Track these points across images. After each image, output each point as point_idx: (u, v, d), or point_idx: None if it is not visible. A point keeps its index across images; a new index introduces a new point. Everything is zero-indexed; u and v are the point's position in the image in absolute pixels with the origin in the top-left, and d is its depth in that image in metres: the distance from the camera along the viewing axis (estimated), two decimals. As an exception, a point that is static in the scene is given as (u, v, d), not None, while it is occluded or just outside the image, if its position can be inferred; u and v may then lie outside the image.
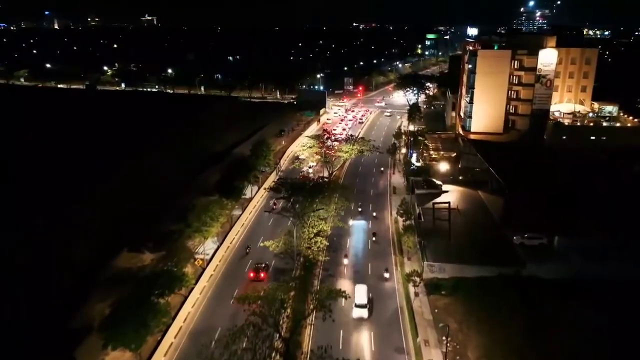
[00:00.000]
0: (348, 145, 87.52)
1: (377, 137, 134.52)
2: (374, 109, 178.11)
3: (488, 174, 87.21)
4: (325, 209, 62.44)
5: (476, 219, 75.12)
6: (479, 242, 65.23)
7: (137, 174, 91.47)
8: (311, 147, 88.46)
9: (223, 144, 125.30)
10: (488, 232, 69.83)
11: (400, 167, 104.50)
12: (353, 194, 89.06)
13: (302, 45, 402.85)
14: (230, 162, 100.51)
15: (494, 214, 76.84)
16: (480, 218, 75.60)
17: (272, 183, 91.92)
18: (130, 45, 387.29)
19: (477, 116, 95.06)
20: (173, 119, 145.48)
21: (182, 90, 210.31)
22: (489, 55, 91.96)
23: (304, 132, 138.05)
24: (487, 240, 66.17)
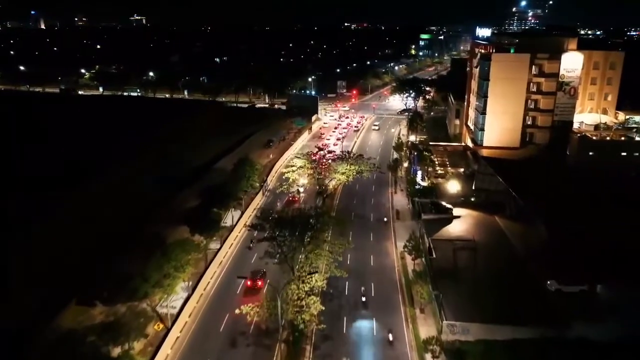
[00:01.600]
0: (344, 165, 75.28)
1: (374, 147, 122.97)
2: (369, 114, 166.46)
3: (505, 196, 76.04)
4: (319, 254, 50.28)
5: (497, 255, 63.48)
6: (506, 289, 53.59)
7: (99, 197, 78.97)
8: (302, 166, 76.16)
9: (204, 156, 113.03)
10: (514, 273, 58.15)
11: (403, 185, 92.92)
12: (350, 219, 77.37)
13: (293, 46, 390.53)
14: (209, 181, 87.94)
15: (517, 246, 65.53)
16: (501, 253, 63.97)
17: (254, 211, 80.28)
18: (115, 46, 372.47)
19: (490, 128, 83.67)
20: (151, 127, 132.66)
21: (164, 95, 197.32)
22: (504, 59, 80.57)
23: (294, 141, 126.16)
24: (515, 287, 54.47)
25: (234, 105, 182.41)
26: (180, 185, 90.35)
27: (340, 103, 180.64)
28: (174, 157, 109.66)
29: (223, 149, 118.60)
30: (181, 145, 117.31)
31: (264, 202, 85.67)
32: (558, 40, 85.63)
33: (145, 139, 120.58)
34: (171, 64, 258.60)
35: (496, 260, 61.79)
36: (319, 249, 50.51)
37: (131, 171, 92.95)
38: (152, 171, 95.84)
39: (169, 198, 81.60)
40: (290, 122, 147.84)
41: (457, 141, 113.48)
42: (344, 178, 73.47)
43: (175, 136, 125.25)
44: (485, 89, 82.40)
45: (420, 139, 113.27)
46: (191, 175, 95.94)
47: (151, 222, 70.94)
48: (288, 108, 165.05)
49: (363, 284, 58.01)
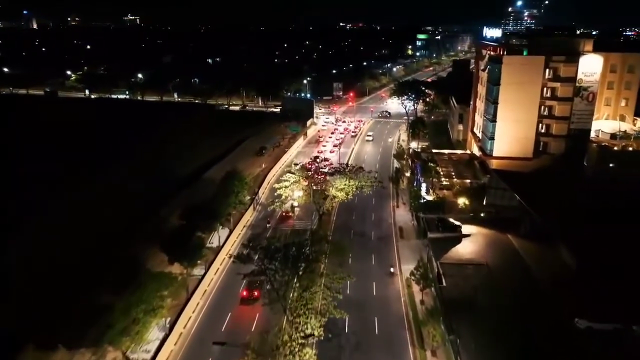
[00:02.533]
0: (342, 180, 68.09)
1: (373, 154, 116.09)
2: (367, 118, 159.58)
3: (519, 211, 69.45)
4: (315, 293, 43.25)
5: (514, 282, 56.60)
6: (528, 327, 46.86)
7: (72, 214, 71.78)
8: (296, 181, 68.92)
9: (194, 164, 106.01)
10: (536, 306, 51.42)
11: (405, 197, 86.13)
12: (349, 237, 70.55)
13: (288, 46, 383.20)
14: (196, 194, 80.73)
15: (535, 271, 58.85)
16: (518, 280, 57.11)
17: (244, 229, 73.22)
18: (105, 47, 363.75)
19: (501, 137, 76.95)
20: (136, 133, 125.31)
21: (154, 98, 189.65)
22: (516, 62, 73.82)
23: (288, 148, 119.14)
24: (538, 323, 47.79)
25: (226, 108, 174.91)
26: (165, 197, 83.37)
27: (337, 106, 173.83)
28: (161, 165, 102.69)
29: (213, 156, 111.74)
30: (169, 153, 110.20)
31: (255, 218, 78.62)
32: (574, 42, 79.04)
33: (130, 145, 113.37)
34: (162, 65, 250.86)
35: (513, 289, 54.96)
36: (314, 284, 43.49)
37: (111, 184, 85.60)
38: (136, 182, 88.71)
39: (151, 213, 74.43)
40: (284, 127, 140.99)
41: (461, 147, 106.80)
42: (342, 195, 66.33)
43: (163, 143, 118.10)
44: (495, 95, 75.68)
45: (423, 146, 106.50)
46: (178, 187, 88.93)
47: (129, 241, 63.93)
48: (282, 112, 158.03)
49: (365, 319, 51.07)
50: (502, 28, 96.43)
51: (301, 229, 72.72)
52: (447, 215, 74.25)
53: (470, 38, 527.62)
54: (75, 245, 61.04)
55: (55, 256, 58.76)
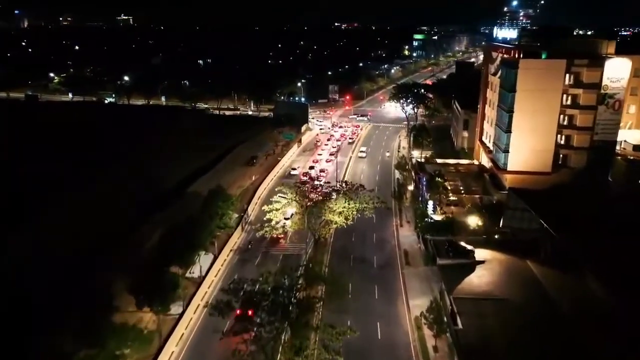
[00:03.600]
0: (341, 202, 59.79)
1: (372, 165, 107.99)
2: (364, 123, 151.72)
3: (538, 234, 61.93)
4: (308, 354, 35.30)
5: (538, 321, 48.96)
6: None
7: (36, 236, 63.47)
8: (289, 201, 60.59)
9: (180, 174, 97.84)
10: (567, 353, 43.92)
11: (409, 214, 78.36)
12: (349, 265, 62.67)
13: (282, 47, 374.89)
14: (179, 211, 72.39)
15: (561, 306, 51.34)
16: (543, 318, 49.42)
17: (230, 254, 65.02)
18: (94, 47, 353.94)
19: (516, 150, 69.26)
20: (118, 141, 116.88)
21: (141, 101, 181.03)
22: (534, 66, 66.11)
23: (281, 157, 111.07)
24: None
25: (217, 112, 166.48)
26: (147, 214, 75.19)
27: (332, 110, 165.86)
28: (146, 175, 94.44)
29: (201, 166, 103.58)
30: (154, 163, 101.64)
31: (244, 240, 70.47)
32: (596, 43, 71.52)
33: (108, 155, 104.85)
34: (151, 66, 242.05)
35: (538, 330, 47.30)
36: (308, 341, 35.51)
37: (84, 201, 77.23)
38: (112, 198, 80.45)
39: (126, 237, 66.15)
40: (277, 133, 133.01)
41: (467, 156, 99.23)
42: (340, 221, 58.15)
43: (148, 152, 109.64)
44: (510, 103, 67.92)
45: (426, 155, 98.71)
46: (160, 203, 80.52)
47: (98, 271, 55.78)
48: (275, 117, 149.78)
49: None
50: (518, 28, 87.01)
51: (295, 254, 64.86)
52: (457, 236, 66.70)
53: (467, 38, 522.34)
54: (41, 275, 52.94)
55: (17, 287, 50.82)
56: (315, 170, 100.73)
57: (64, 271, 54.01)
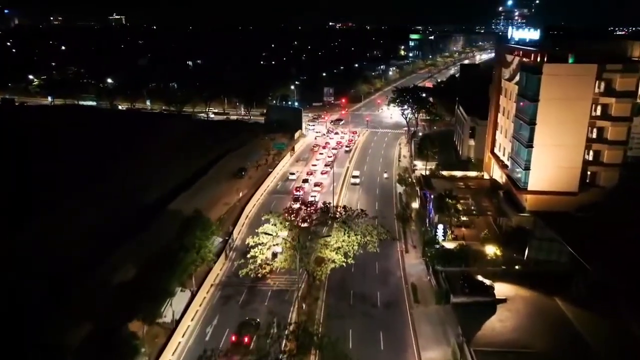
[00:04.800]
0: (339, 234, 50.43)
1: (371, 175, 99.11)
2: (362, 128, 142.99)
3: (568, 264, 53.68)
4: None
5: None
6: None
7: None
8: (276, 233, 51.15)
9: (163, 187, 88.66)
10: None
11: (414, 237, 69.64)
12: (348, 303, 53.86)
13: (275, 47, 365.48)
14: (152, 241, 63.18)
15: (601, 356, 43.14)
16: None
17: (211, 289, 55.86)
18: (82, 47, 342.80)
19: (538, 166, 60.61)
20: (95, 151, 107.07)
21: (125, 105, 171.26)
22: (561, 72, 57.46)
23: (272, 168, 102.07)
24: None
25: (203, 118, 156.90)
26: (116, 240, 65.83)
27: (328, 115, 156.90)
28: (126, 187, 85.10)
29: (185, 178, 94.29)
30: (132, 175, 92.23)
31: (228, 271, 61.47)
32: (623, 45, 63.17)
33: (79, 168, 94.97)
34: (138, 67, 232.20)
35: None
36: None
37: (45, 229, 67.62)
38: (79, 221, 70.99)
39: (87, 275, 56.72)
40: (269, 140, 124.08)
41: (474, 168, 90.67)
42: (340, 259, 48.97)
43: (126, 161, 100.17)
44: (532, 113, 59.27)
45: (430, 168, 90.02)
46: (135, 225, 71.19)
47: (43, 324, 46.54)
48: (267, 122, 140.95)
49: None
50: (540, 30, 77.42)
51: (285, 289, 55.94)
52: (471, 267, 58.18)
53: (464, 38, 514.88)
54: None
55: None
56: (310, 184, 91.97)
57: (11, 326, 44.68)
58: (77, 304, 48.44)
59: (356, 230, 50.54)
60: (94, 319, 44.58)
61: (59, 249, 60.20)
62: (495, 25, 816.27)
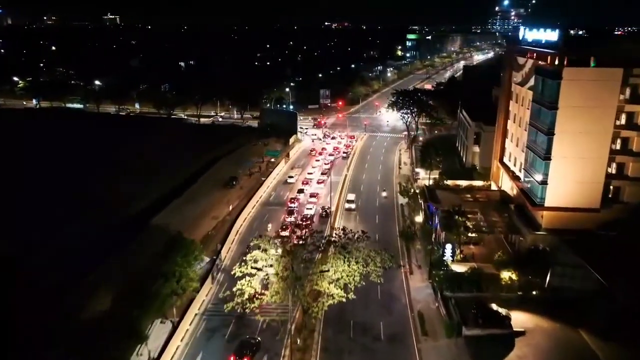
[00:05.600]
0: (338, 262, 44.16)
1: (370, 184, 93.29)
2: (359, 132, 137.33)
3: (592, 291, 48.11)
4: None
5: None
6: None
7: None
8: (266, 261, 44.82)
9: (148, 196, 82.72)
10: None
11: (419, 255, 63.94)
12: (348, 336, 48.04)
13: (271, 47, 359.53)
14: (130, 263, 57.23)
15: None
16: None
17: (194, 320, 49.70)
18: (73, 47, 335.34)
19: (557, 181, 55.04)
20: (76, 158, 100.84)
21: (113, 108, 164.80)
22: (583, 77, 51.91)
23: (266, 176, 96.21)
24: None
25: (195, 122, 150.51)
26: (93, 259, 59.73)
27: (324, 118, 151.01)
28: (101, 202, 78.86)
29: (173, 187, 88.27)
30: (117, 182, 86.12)
31: (214, 297, 55.53)
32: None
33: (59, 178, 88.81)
34: (129, 69, 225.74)
35: None
36: None
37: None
38: (54, 240, 64.95)
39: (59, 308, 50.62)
40: (263, 145, 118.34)
41: (479, 177, 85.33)
42: (339, 294, 42.83)
43: (111, 169, 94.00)
44: (550, 122, 53.67)
45: (434, 177, 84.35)
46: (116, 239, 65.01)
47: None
48: (261, 126, 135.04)
49: None
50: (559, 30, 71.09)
51: (278, 319, 50.02)
52: (484, 293, 52.63)
53: (461, 38, 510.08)
54: None
55: None
56: (305, 194, 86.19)
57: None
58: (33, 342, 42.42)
59: (357, 256, 44.54)
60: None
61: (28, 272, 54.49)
62: (491, 25, 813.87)
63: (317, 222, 75.71)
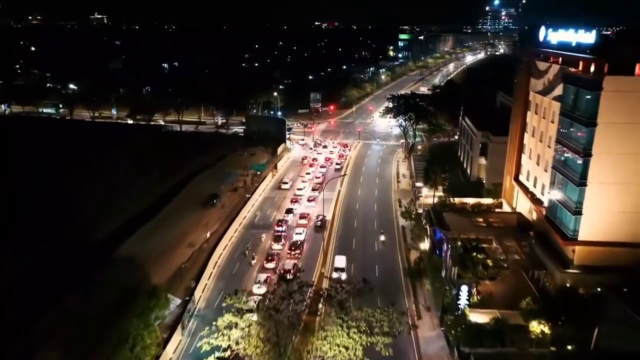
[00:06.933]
0: (335, 329, 34.27)
1: (365, 203, 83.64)
2: (353, 139, 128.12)
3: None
4: None
5: None
6: None
7: None
8: (242, 330, 34.94)
9: (118, 217, 72.55)
10: None
11: (427, 294, 54.68)
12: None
13: (259, 48, 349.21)
14: (86, 307, 47.25)
15: None
16: None
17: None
18: (55, 48, 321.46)
19: (594, 210, 46.08)
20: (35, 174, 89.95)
21: (86, 113, 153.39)
22: (629, 87, 42.98)
23: (250, 193, 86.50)
24: None
25: (174, 129, 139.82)
26: (39, 307, 49.54)
27: (315, 124, 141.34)
28: (61, 225, 68.52)
29: (145, 207, 77.95)
30: (85, 203, 75.64)
31: (182, 355, 45.67)
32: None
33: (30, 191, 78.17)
34: (109, 71, 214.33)
35: None
36: None
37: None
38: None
39: None
40: (248, 155, 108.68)
41: (489, 193, 76.51)
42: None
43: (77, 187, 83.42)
44: (587, 142, 44.68)
45: (440, 196, 75.09)
46: (72, 276, 54.70)
47: None
48: (247, 134, 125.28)
49: None
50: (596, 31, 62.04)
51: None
52: (511, 349, 43.46)
53: (453, 38, 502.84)
54: None
55: None
56: (295, 215, 76.67)
57: None
58: None
59: (357, 316, 34.98)
60: None
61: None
62: (482, 25, 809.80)
63: (308, 247, 66.54)
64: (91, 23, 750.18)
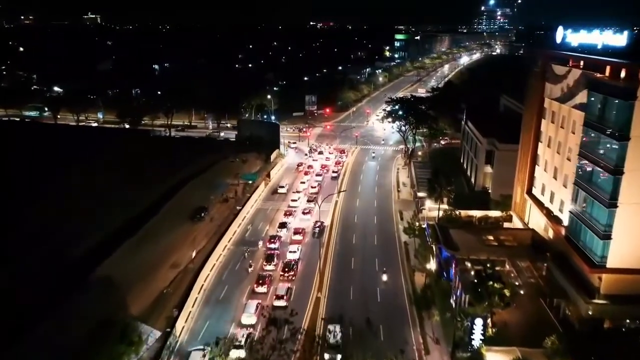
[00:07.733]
0: None
1: (365, 215, 78.12)
2: (350, 144, 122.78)
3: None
4: None
5: None
6: None
7: None
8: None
9: (97, 234, 66.49)
10: None
11: (435, 326, 49.23)
12: None
13: (253, 48, 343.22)
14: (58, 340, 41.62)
15: None
16: None
17: None
18: (45, 49, 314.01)
19: (625, 234, 40.92)
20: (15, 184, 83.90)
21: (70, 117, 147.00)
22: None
23: (241, 205, 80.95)
24: None
25: (164, 134, 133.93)
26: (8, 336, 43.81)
27: (310, 129, 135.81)
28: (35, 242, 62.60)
29: (128, 220, 71.95)
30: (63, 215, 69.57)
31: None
32: None
33: None
34: (97, 73, 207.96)
35: None
36: None
37: None
38: None
39: None
40: (240, 162, 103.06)
41: (496, 205, 71.33)
42: None
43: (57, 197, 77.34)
44: (618, 157, 39.51)
45: (445, 209, 69.71)
46: (42, 301, 48.99)
47: None
48: (239, 139, 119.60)
49: None
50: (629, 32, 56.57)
51: None
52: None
53: (449, 38, 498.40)
54: None
55: None
56: (289, 230, 71.21)
57: None
58: None
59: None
60: None
61: None
62: (478, 25, 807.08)
63: (303, 266, 61.23)
64: (84, 23, 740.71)
